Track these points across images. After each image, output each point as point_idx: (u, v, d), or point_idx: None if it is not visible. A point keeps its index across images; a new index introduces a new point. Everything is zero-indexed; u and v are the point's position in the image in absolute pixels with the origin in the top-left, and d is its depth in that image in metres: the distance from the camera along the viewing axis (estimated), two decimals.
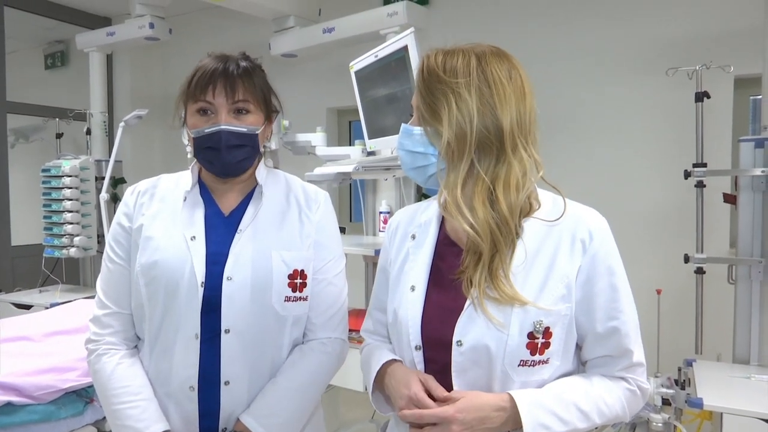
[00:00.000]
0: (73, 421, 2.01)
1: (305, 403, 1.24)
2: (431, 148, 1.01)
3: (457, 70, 0.98)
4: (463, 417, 0.92)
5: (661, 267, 3.01)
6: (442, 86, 0.98)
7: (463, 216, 0.97)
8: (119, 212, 1.28)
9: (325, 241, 1.30)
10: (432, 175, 1.04)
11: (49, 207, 3.58)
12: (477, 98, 0.96)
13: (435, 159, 1.02)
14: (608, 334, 0.99)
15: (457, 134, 0.97)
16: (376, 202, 2.89)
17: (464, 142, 0.97)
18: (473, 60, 0.98)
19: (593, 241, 0.99)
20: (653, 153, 3.15)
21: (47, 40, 5.35)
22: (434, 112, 0.99)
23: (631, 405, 1.02)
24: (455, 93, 0.97)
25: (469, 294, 0.98)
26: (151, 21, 3.60)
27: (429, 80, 1.00)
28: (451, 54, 1.00)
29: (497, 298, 0.95)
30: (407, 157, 1.05)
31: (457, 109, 0.96)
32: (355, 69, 2.46)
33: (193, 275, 1.17)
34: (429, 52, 1.03)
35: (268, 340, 1.22)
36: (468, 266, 0.99)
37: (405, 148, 1.05)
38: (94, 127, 4.06)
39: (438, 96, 0.98)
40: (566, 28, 3.33)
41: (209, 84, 1.18)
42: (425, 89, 1.00)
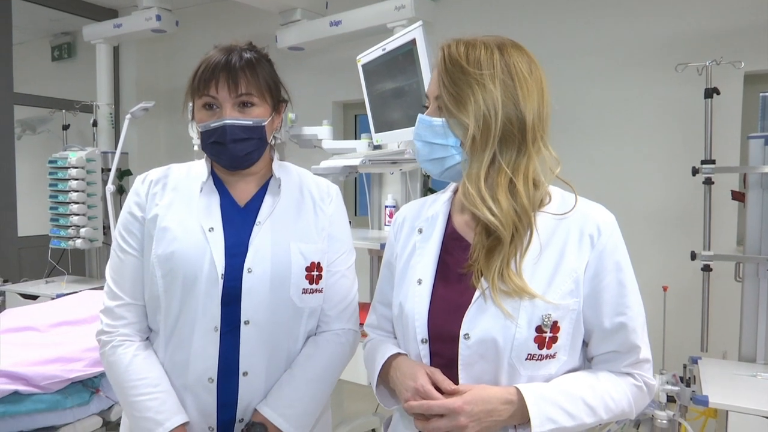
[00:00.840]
0: (78, 411, 2.03)
1: (321, 393, 1.25)
2: (452, 140, 1.00)
3: (481, 62, 0.97)
4: (471, 409, 0.92)
5: (668, 264, 3.00)
6: (467, 77, 0.97)
7: (487, 206, 0.97)
8: (130, 201, 1.26)
9: (338, 234, 1.31)
10: (450, 168, 1.03)
11: (56, 198, 3.59)
12: (501, 90, 0.97)
13: (455, 151, 1.01)
14: (615, 330, 0.99)
15: (482, 125, 0.97)
16: (381, 195, 2.89)
17: (488, 134, 0.97)
18: (496, 52, 0.98)
19: (601, 237, 0.99)
20: (661, 150, 3.14)
21: (54, 31, 5.36)
22: (459, 102, 0.97)
23: (638, 401, 1.02)
24: (480, 84, 0.96)
25: (479, 285, 0.97)
26: (158, 13, 3.60)
27: (452, 71, 0.98)
28: (473, 45, 0.99)
29: (507, 291, 0.95)
30: (425, 149, 1.04)
31: (482, 101, 0.96)
32: (362, 62, 2.45)
33: (213, 267, 1.17)
34: (448, 42, 1.01)
35: (284, 331, 1.22)
36: (478, 258, 0.99)
37: (423, 139, 1.03)
38: (101, 119, 4.07)
39: (463, 87, 0.97)
40: (574, 24, 3.31)
41: (212, 79, 1.17)
42: (449, 80, 0.98)
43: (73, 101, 4.18)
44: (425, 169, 1.08)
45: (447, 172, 1.04)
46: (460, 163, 1.02)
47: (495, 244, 0.98)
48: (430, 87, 1.04)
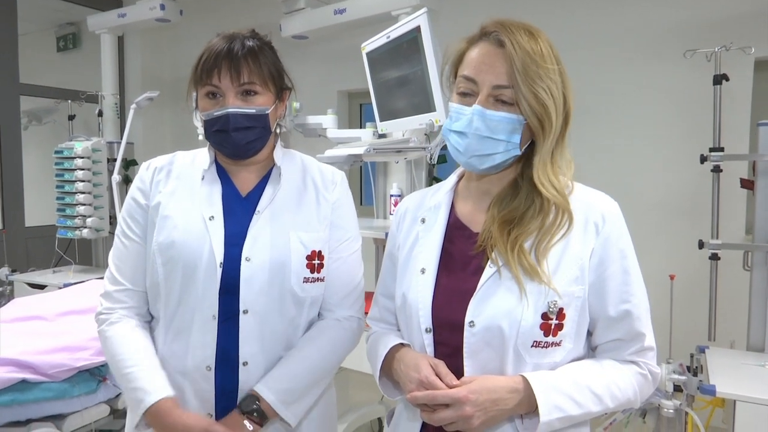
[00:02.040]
0: (86, 399, 2.04)
1: (318, 375, 1.23)
2: (516, 136, 0.97)
3: (545, 55, 0.96)
4: (476, 398, 0.92)
5: (675, 253, 2.98)
6: (539, 70, 0.95)
7: (555, 188, 0.98)
8: (134, 188, 1.27)
9: (341, 221, 1.30)
10: (499, 164, 1.00)
11: (62, 188, 3.60)
12: (561, 83, 0.98)
13: (510, 147, 0.98)
14: (620, 318, 0.98)
15: (555, 118, 0.97)
16: (386, 185, 2.88)
17: (553, 126, 0.97)
18: (548, 43, 0.99)
19: (606, 224, 0.99)
20: (669, 137, 3.10)
21: (59, 22, 5.35)
22: (535, 97, 0.95)
23: (643, 389, 1.01)
24: (549, 78, 0.96)
25: (493, 260, 0.97)
26: (162, 2, 3.58)
27: (526, 63, 0.94)
28: (531, 36, 0.97)
29: (516, 273, 0.95)
30: (477, 143, 0.98)
31: (556, 94, 0.97)
32: (366, 50, 2.43)
33: (212, 256, 1.17)
34: (509, 33, 0.96)
35: (285, 320, 1.22)
36: (495, 238, 0.99)
37: (479, 133, 0.97)
38: (106, 109, 4.06)
39: (537, 81, 0.95)
40: (580, 11, 3.27)
41: (214, 67, 1.17)
42: (524, 73, 0.94)
43: (79, 91, 4.18)
44: (464, 164, 1.04)
45: (492, 168, 1.01)
46: (513, 158, 1.00)
47: (510, 219, 0.99)
48: (483, 74, 0.97)
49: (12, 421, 1.93)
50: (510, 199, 1.03)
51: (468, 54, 1.01)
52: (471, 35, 1.02)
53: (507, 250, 0.96)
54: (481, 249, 1.01)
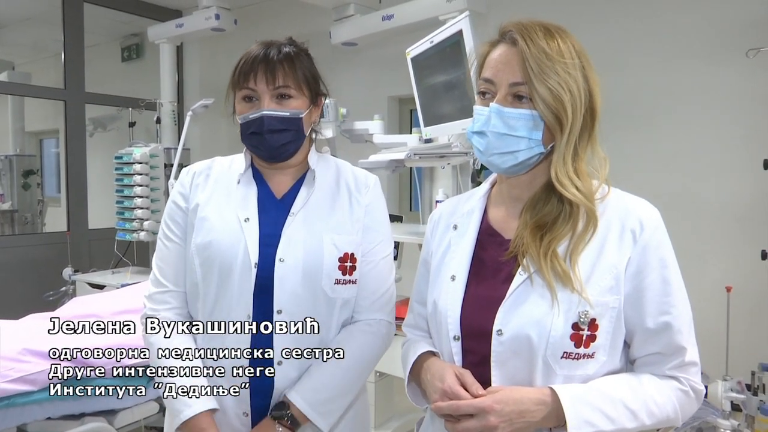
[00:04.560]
0: (136, 396, 2.11)
1: (350, 381, 1.24)
2: (536, 133, 0.95)
3: (562, 51, 0.94)
4: (501, 408, 0.89)
5: (736, 263, 2.82)
6: (554, 64, 0.93)
7: (576, 188, 0.96)
8: (175, 191, 1.31)
9: (374, 224, 1.30)
10: (522, 162, 0.98)
11: (121, 192, 3.77)
12: (582, 79, 0.95)
13: (533, 144, 0.96)
14: (659, 330, 0.94)
15: (570, 114, 0.94)
16: (432, 190, 2.86)
17: (569, 122, 0.94)
18: (566, 38, 0.96)
19: (644, 232, 0.95)
20: (729, 141, 2.94)
21: (124, 33, 5.61)
22: (550, 92, 0.93)
23: (684, 407, 0.96)
24: (567, 72, 0.94)
25: (524, 267, 0.95)
26: (217, 12, 3.70)
27: (539, 59, 0.93)
28: (547, 30, 0.96)
29: (549, 279, 0.92)
30: (497, 141, 0.97)
31: (573, 89, 0.94)
32: (411, 55, 2.43)
33: (246, 256, 1.19)
34: (523, 31, 0.95)
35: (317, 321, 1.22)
36: (527, 244, 0.96)
37: (497, 130, 0.96)
38: (164, 116, 4.23)
39: (551, 75, 0.93)
40: (634, 9, 3.15)
41: (251, 71, 1.20)
42: (537, 68, 0.93)
43: (139, 99, 4.37)
44: (488, 164, 1.02)
45: (516, 167, 0.99)
46: (537, 156, 0.98)
47: (542, 224, 0.97)
48: (500, 73, 0.97)
49: (67, 414, 2.02)
50: (542, 204, 1.00)
51: (488, 57, 1.00)
52: (492, 39, 1.02)
53: (540, 256, 0.94)
54: (513, 256, 0.99)
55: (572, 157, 0.96)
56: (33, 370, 1.89)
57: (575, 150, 0.97)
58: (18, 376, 1.88)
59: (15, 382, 1.88)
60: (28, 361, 1.92)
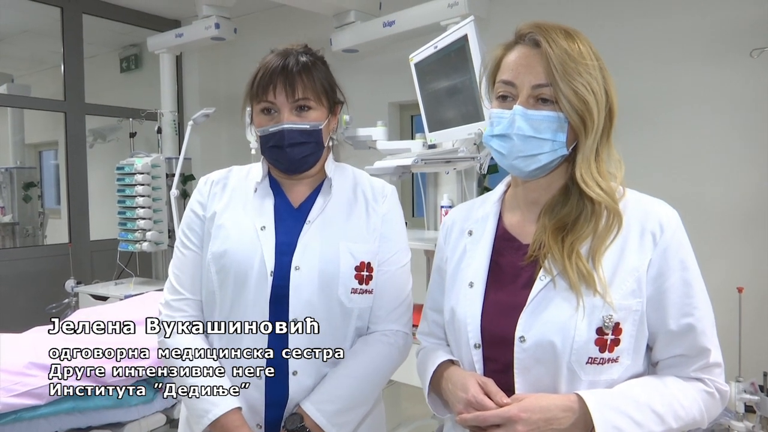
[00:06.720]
0: (143, 408, 2.10)
1: (364, 392, 1.22)
2: (561, 135, 0.95)
3: (583, 53, 0.94)
4: (528, 416, 0.88)
5: (746, 264, 2.81)
6: (577, 66, 0.93)
7: (600, 188, 0.95)
8: (193, 200, 1.31)
9: (391, 233, 1.29)
10: (545, 165, 0.96)
11: (123, 203, 3.75)
12: (602, 80, 0.95)
13: (557, 146, 0.95)
14: (683, 332, 0.93)
15: (597, 114, 0.94)
16: (437, 196, 2.85)
17: (594, 123, 0.94)
18: (586, 42, 0.97)
19: (664, 234, 0.94)
20: (736, 141, 2.94)
21: (123, 44, 5.61)
22: (575, 93, 0.93)
23: (710, 408, 0.95)
24: (588, 74, 0.94)
25: (546, 269, 0.94)
26: (217, 21, 3.68)
27: (563, 60, 0.93)
28: (568, 35, 0.96)
29: (573, 281, 0.91)
30: (521, 144, 0.95)
31: (596, 90, 0.94)
32: (414, 61, 2.43)
33: (263, 264, 1.19)
34: (544, 33, 0.95)
35: (333, 330, 1.22)
36: (549, 245, 0.95)
37: (523, 133, 0.95)
38: (165, 126, 4.21)
39: (575, 77, 0.93)
40: (636, 11, 3.16)
41: (270, 84, 1.19)
42: (562, 70, 0.93)
43: (139, 110, 4.36)
44: (508, 168, 1.01)
45: (538, 170, 0.98)
46: (559, 158, 0.97)
47: (563, 225, 0.96)
48: (521, 75, 0.96)
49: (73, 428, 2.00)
50: (561, 207, 0.99)
51: (505, 59, 1.00)
52: (507, 41, 1.01)
53: (563, 257, 0.93)
54: (532, 260, 0.98)
55: (594, 158, 0.96)
56: (39, 384, 1.88)
57: (597, 151, 0.96)
58: (24, 390, 1.87)
59: (21, 396, 1.86)
60: (34, 375, 1.91)
